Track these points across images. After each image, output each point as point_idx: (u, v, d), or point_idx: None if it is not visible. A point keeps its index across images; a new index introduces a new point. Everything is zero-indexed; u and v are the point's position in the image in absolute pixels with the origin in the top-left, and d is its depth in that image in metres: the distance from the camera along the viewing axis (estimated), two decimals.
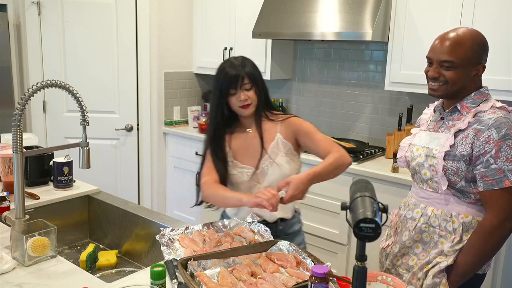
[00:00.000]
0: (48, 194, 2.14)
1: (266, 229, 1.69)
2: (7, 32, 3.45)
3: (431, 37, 1.69)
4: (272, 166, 1.80)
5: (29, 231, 1.58)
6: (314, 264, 1.41)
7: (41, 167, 2.24)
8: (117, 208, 2.10)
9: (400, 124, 3.06)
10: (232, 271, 1.38)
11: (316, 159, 2.80)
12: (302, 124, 1.84)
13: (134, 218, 2.02)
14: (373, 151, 3.11)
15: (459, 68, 1.56)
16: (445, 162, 1.58)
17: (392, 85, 2.91)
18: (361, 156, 2.97)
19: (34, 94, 1.64)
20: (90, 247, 1.92)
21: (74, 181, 2.26)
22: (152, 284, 1.29)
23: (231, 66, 1.77)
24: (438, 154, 1.60)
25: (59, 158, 2.19)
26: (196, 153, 3.71)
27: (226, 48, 3.70)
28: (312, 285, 1.17)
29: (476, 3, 2.50)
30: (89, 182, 2.33)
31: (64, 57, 3.64)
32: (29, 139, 2.34)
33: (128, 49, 3.71)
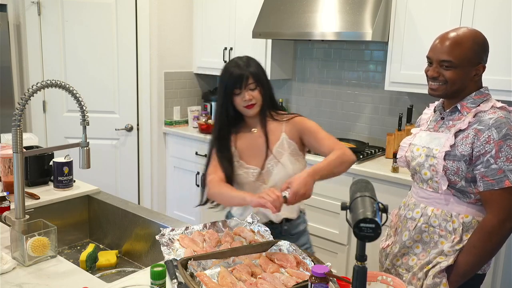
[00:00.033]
0: (48, 194, 2.14)
1: (266, 229, 1.69)
2: (7, 32, 3.45)
3: (431, 37, 1.69)
4: (277, 166, 1.80)
5: (29, 231, 1.58)
6: (314, 264, 1.41)
7: (41, 167, 2.24)
8: (117, 208, 2.10)
9: (400, 124, 3.06)
10: (232, 271, 1.38)
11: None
12: (307, 123, 1.84)
13: (134, 218, 2.02)
14: (373, 151, 3.11)
15: (459, 68, 1.56)
16: (445, 162, 1.58)
17: (392, 85, 2.91)
18: (361, 156, 2.97)
19: (34, 94, 1.64)
20: (90, 247, 1.92)
21: (74, 181, 2.26)
22: (152, 284, 1.29)
23: (236, 66, 1.77)
24: (438, 154, 1.60)
25: (59, 158, 2.19)
26: (196, 153, 3.71)
27: (226, 48, 3.70)
28: (312, 285, 1.17)
29: (476, 3, 2.50)
30: (89, 182, 2.33)
31: (64, 57, 3.64)
32: (29, 139, 2.33)
33: (128, 49, 3.71)
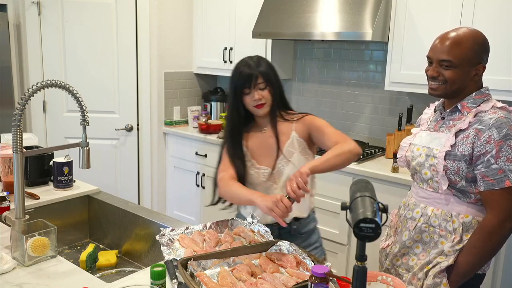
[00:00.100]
0: (48, 194, 2.14)
1: (266, 229, 1.69)
2: (7, 32, 3.45)
3: (431, 37, 1.69)
4: (288, 166, 1.80)
5: (29, 231, 1.58)
6: (314, 264, 1.41)
7: (41, 167, 2.24)
8: (117, 208, 2.09)
9: (400, 124, 3.06)
10: (232, 271, 1.38)
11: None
12: (315, 120, 1.83)
13: (134, 218, 2.02)
14: (373, 151, 3.11)
15: (458, 67, 1.56)
16: (445, 162, 1.58)
17: (392, 85, 2.91)
18: (361, 156, 2.96)
19: (34, 94, 1.64)
20: (90, 247, 1.92)
21: (74, 181, 2.26)
22: (152, 284, 1.29)
23: (246, 66, 1.77)
24: (438, 154, 1.60)
25: (59, 158, 2.19)
26: (196, 153, 3.71)
27: (226, 48, 3.70)
28: (312, 285, 1.17)
29: (476, 3, 2.50)
30: (89, 182, 2.33)
31: (64, 57, 3.64)
32: (29, 139, 2.33)
33: (128, 49, 3.71)
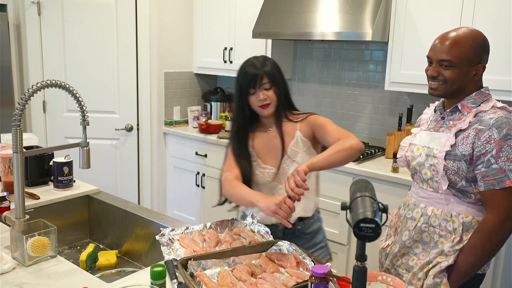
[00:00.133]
0: (48, 194, 2.14)
1: (266, 229, 1.69)
2: (7, 32, 3.45)
3: (431, 37, 1.69)
4: (292, 166, 1.79)
5: (29, 231, 1.58)
6: (314, 264, 1.41)
7: (41, 167, 2.24)
8: (117, 208, 2.09)
9: (400, 124, 3.06)
10: (232, 271, 1.38)
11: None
12: (319, 119, 1.82)
13: (134, 218, 2.02)
14: (373, 151, 3.11)
15: (458, 67, 1.56)
16: (446, 161, 1.58)
17: (392, 85, 2.91)
18: (361, 156, 2.97)
19: (34, 94, 1.64)
20: (90, 247, 1.92)
21: (74, 181, 2.26)
22: (152, 284, 1.29)
23: (251, 66, 1.76)
24: (439, 153, 1.60)
25: (59, 158, 2.19)
26: (196, 153, 3.71)
27: (226, 48, 3.70)
28: (312, 285, 1.17)
29: (476, 3, 2.50)
30: (89, 182, 2.33)
31: (64, 57, 3.64)
32: (29, 139, 2.33)
33: (128, 49, 3.71)
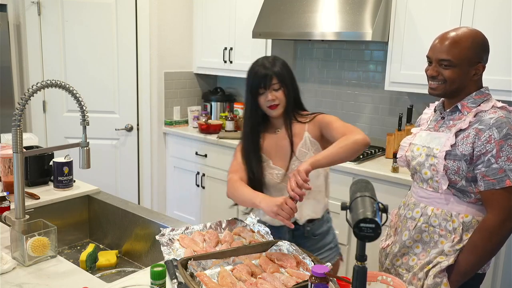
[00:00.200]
0: (48, 194, 2.14)
1: (266, 229, 1.69)
2: (7, 32, 3.45)
3: (431, 37, 1.69)
4: None
5: (29, 231, 1.58)
6: (314, 264, 1.41)
7: (41, 167, 2.24)
8: (117, 208, 2.09)
9: (400, 124, 3.06)
10: (232, 271, 1.38)
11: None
12: (325, 117, 1.81)
13: (134, 218, 2.02)
14: (373, 151, 3.11)
15: (457, 67, 1.56)
16: (446, 161, 1.58)
17: (392, 85, 2.91)
18: (361, 156, 2.97)
19: (34, 94, 1.64)
20: (90, 247, 1.92)
21: (74, 181, 2.26)
22: (152, 284, 1.29)
23: (261, 66, 1.76)
24: (439, 153, 1.60)
25: (59, 158, 2.19)
26: (196, 153, 3.71)
27: (226, 48, 3.70)
28: (312, 285, 1.17)
29: (476, 3, 2.50)
30: (89, 182, 2.33)
31: (64, 57, 3.64)
32: (29, 139, 2.33)
33: (128, 49, 3.71)
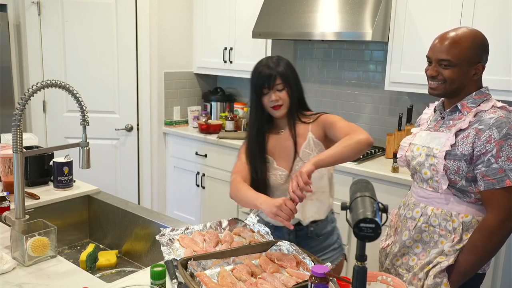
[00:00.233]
0: (48, 194, 2.14)
1: (266, 229, 1.69)
2: (7, 32, 3.45)
3: (431, 37, 1.69)
4: None
5: (29, 231, 1.58)
6: (314, 264, 1.41)
7: (41, 167, 2.24)
8: (117, 208, 2.09)
9: (400, 124, 3.06)
10: (232, 271, 1.38)
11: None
12: (329, 117, 1.80)
13: (134, 218, 2.02)
14: (373, 151, 3.11)
15: (457, 66, 1.56)
16: (445, 161, 1.58)
17: (392, 85, 2.91)
18: (361, 156, 2.96)
19: (34, 94, 1.64)
20: (90, 247, 1.92)
21: (74, 181, 2.26)
22: (152, 284, 1.29)
23: (265, 66, 1.75)
24: (439, 153, 1.60)
25: (59, 158, 2.19)
26: (196, 153, 3.71)
27: (226, 48, 3.70)
28: (312, 285, 1.17)
29: (476, 3, 2.50)
30: (89, 182, 2.33)
31: (64, 57, 3.64)
32: (29, 139, 2.34)
33: (128, 49, 3.71)
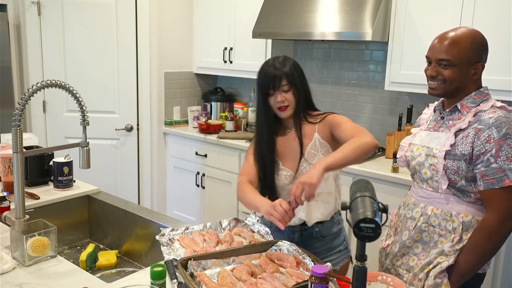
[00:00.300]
0: (48, 194, 2.14)
1: (266, 229, 1.69)
2: (7, 32, 3.45)
3: (431, 37, 1.69)
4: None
5: (29, 231, 1.58)
6: (314, 264, 1.41)
7: (41, 167, 2.24)
8: (117, 208, 2.09)
9: (400, 124, 3.06)
10: (232, 271, 1.38)
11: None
12: (335, 118, 1.79)
13: (134, 218, 2.02)
14: None
15: (457, 66, 1.56)
16: (445, 161, 1.58)
17: (392, 85, 2.91)
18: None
19: (34, 94, 1.64)
20: (90, 247, 1.92)
21: (74, 181, 2.26)
22: (152, 284, 1.29)
23: (271, 66, 1.74)
24: (438, 153, 1.61)
25: (59, 158, 2.19)
26: (196, 153, 3.71)
27: (226, 48, 3.70)
28: (312, 285, 1.17)
29: (476, 3, 2.50)
30: (89, 182, 2.33)
31: (64, 57, 3.64)
32: (29, 139, 2.34)
33: (128, 49, 3.71)
